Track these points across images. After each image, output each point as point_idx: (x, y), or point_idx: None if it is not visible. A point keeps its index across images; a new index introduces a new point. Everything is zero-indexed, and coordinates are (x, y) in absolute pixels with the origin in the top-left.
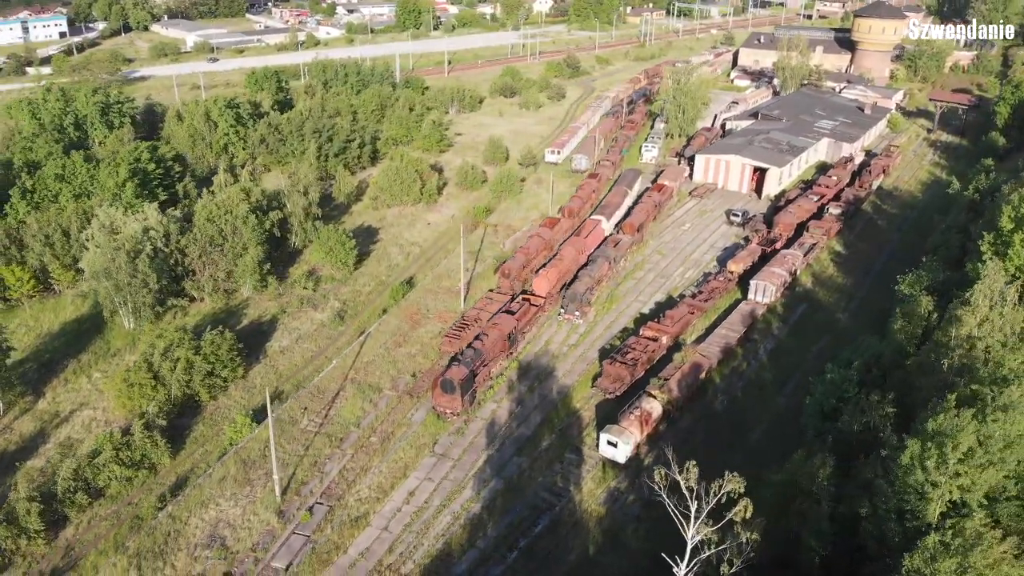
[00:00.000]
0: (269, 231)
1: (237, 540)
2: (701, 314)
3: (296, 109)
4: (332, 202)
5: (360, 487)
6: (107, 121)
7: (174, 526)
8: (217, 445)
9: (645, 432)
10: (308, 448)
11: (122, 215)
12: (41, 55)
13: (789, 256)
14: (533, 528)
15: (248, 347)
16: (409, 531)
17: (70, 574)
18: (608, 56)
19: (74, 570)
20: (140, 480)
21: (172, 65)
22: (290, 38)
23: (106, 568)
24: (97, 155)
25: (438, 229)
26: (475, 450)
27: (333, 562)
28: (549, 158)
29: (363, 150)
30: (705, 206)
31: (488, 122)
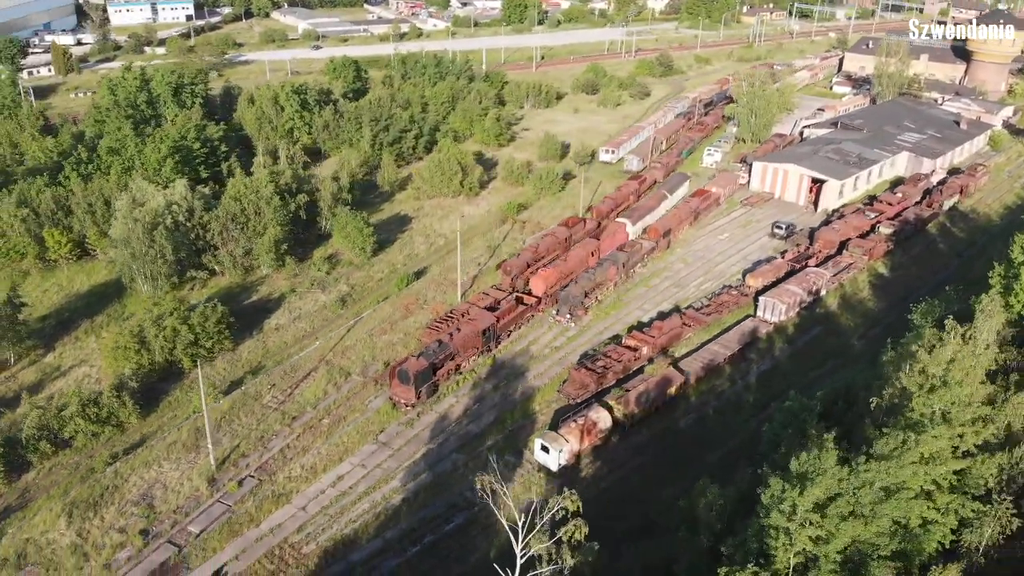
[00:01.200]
0: (294, 213)
1: (165, 501)
2: (701, 327)
3: (365, 98)
4: (377, 190)
5: (295, 466)
6: (179, 101)
7: (115, 481)
8: (186, 411)
9: (587, 442)
10: (260, 423)
11: (153, 189)
12: (161, 36)
13: (813, 275)
14: (444, 526)
15: (247, 322)
16: (324, 513)
17: (17, 514)
18: (710, 56)
19: (22, 511)
20: (107, 436)
21: (277, 51)
22: (392, 29)
23: (43, 512)
24: (163, 132)
25: (470, 222)
26: (418, 442)
27: (242, 534)
28: (603, 157)
29: (419, 141)
30: (753, 216)
31: (560, 119)
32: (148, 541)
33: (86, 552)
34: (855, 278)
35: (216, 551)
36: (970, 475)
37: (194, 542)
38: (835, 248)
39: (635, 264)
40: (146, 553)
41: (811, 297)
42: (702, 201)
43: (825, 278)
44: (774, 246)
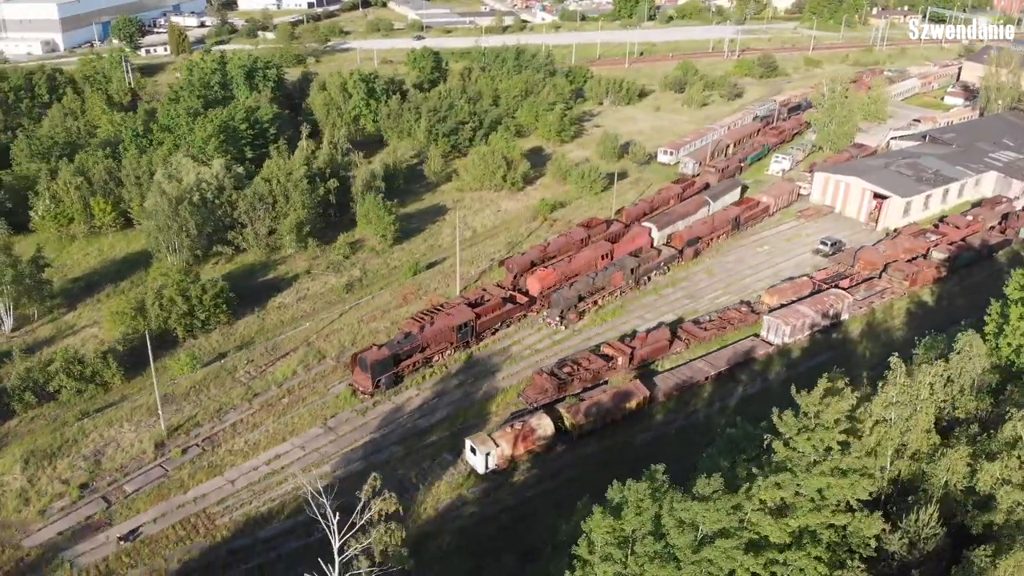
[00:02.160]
0: (323, 197)
1: (112, 459)
2: (697, 342)
3: (436, 90)
4: (423, 179)
5: (239, 441)
6: (251, 84)
7: (77, 436)
8: (166, 378)
9: (522, 448)
10: (224, 396)
11: (191, 165)
12: (277, 22)
13: (833, 296)
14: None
15: (255, 299)
16: (250, 489)
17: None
18: (823, 58)
19: None
20: (90, 393)
21: (380, 40)
22: (496, 21)
23: (6, 456)
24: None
25: (505, 217)
26: (363, 431)
27: (168, 498)
28: (661, 158)
29: (476, 133)
30: (804, 230)
31: (638, 116)
32: (84, 494)
33: (28, 497)
34: (890, 305)
35: (139, 512)
36: (852, 533)
37: (123, 500)
38: (877, 270)
39: (649, 271)
40: (79, 505)
41: (827, 321)
42: (746, 210)
43: (847, 301)
44: (815, 263)
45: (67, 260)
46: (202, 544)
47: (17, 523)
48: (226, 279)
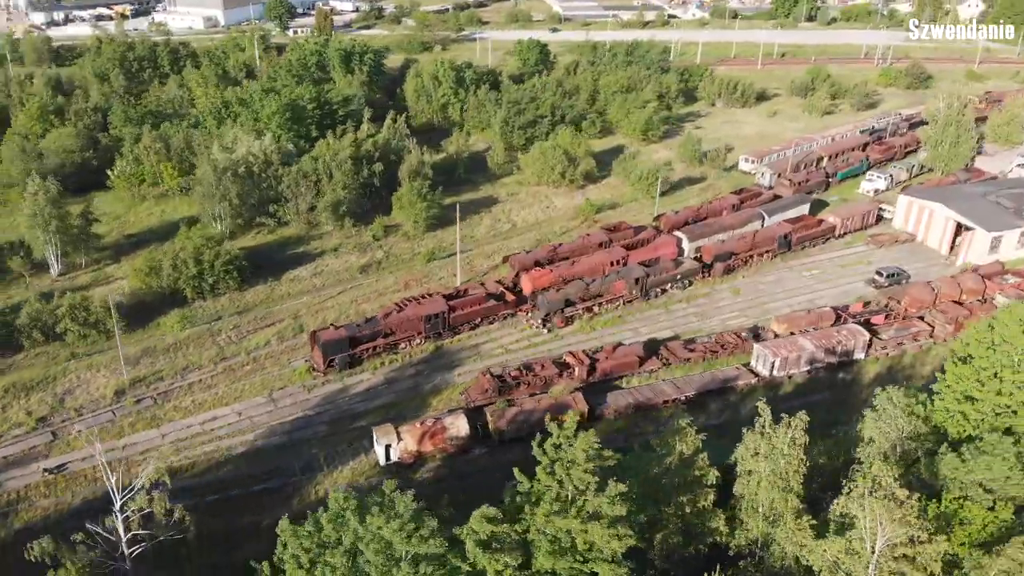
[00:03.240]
0: (367, 179)
1: (75, 399)
2: (679, 363)
3: (529, 82)
4: (487, 171)
5: (188, 399)
6: (348, 67)
7: (57, 375)
8: (158, 332)
9: (430, 445)
10: (196, 356)
11: (247, 138)
12: (425, 9)
13: (845, 333)
14: (254, 485)
15: (276, 269)
16: (174, 445)
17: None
18: (991, 72)
19: None
20: (93, 338)
21: (516, 31)
22: (637, 16)
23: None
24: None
25: (552, 214)
26: (301, 406)
27: (104, 441)
28: (742, 166)
29: (555, 127)
30: (871, 257)
31: (748, 120)
32: (39, 427)
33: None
34: (927, 350)
35: (74, 449)
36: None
37: (67, 437)
38: (926, 310)
39: (662, 283)
40: (30, 436)
41: (833, 358)
42: (801, 229)
43: (861, 339)
44: (864, 294)
45: (131, 217)
46: (103, 492)
47: None
48: (261, 249)
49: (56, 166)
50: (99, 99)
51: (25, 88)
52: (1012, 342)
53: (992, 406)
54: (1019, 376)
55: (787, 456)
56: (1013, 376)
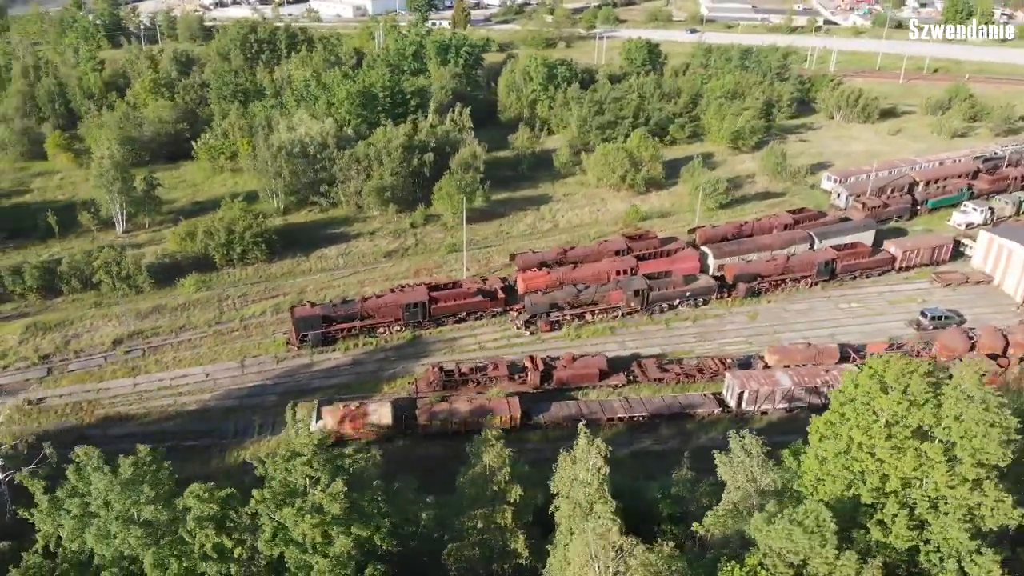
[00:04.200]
0: (416, 168)
1: (78, 343)
2: (648, 382)
3: (626, 82)
4: (551, 169)
5: (171, 355)
6: (445, 59)
7: (78, 319)
8: (178, 293)
9: (350, 428)
10: (195, 317)
11: (311, 120)
12: (566, 7)
13: (832, 373)
14: (186, 441)
15: (310, 246)
16: (141, 395)
17: (32, 318)
18: None
19: (31, 315)
20: (122, 291)
21: (653, 30)
22: (785, 21)
23: (19, 322)
24: (416, 84)
25: (601, 217)
26: (263, 376)
27: (84, 383)
28: (825, 184)
29: (635, 131)
30: (927, 295)
31: (862, 136)
32: (39, 363)
33: (5, 353)
34: None
35: (58, 386)
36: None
37: (57, 375)
38: (956, 358)
39: (668, 298)
40: (30, 369)
41: (817, 398)
42: (850, 257)
43: None
44: (902, 335)
45: (205, 187)
46: (69, 423)
47: None
48: (307, 226)
49: (152, 135)
50: (210, 76)
51: (156, 62)
52: (869, 402)
53: (841, 469)
54: (870, 440)
55: (587, 484)
56: (862, 438)
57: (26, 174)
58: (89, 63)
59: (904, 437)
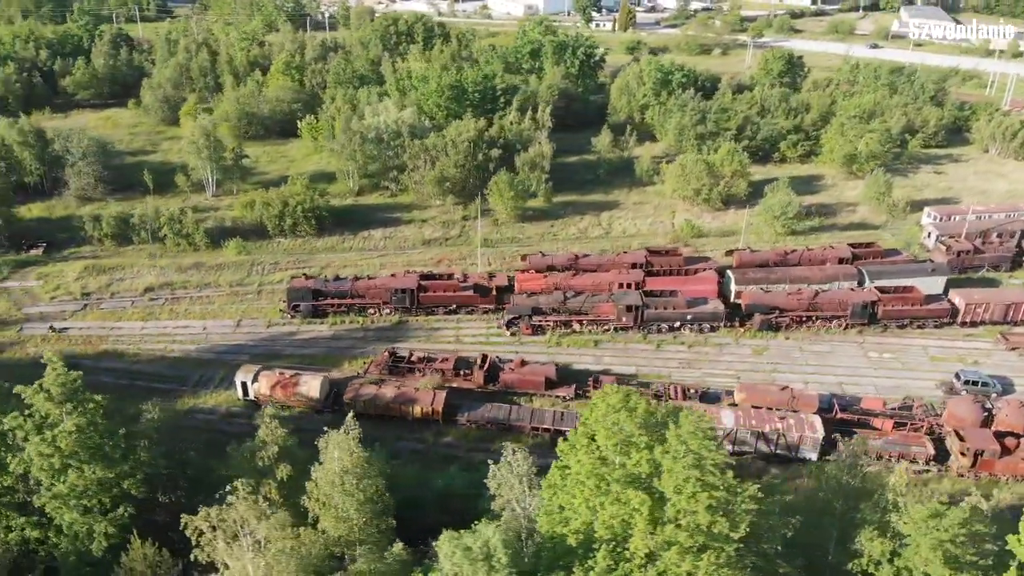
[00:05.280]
0: (480, 163)
1: (118, 286)
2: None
3: (745, 95)
4: (632, 176)
5: (185, 307)
6: (562, 59)
7: (128, 266)
8: (220, 253)
9: (281, 394)
10: (221, 276)
11: (395, 108)
12: (743, 13)
13: (792, 420)
14: (153, 382)
15: (359, 225)
16: (140, 336)
17: (93, 260)
18: None
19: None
20: (182, 247)
21: (829, 43)
22: (982, 43)
23: (81, 263)
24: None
25: (660, 229)
26: (247, 337)
27: (104, 320)
28: (924, 220)
29: (740, 143)
30: (988, 357)
31: (1012, 175)
32: (79, 299)
33: (57, 286)
34: (923, 481)
35: (83, 320)
36: None
37: (88, 311)
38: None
39: (667, 319)
40: (69, 303)
41: (767, 446)
42: (897, 302)
43: (812, 435)
44: (927, 397)
45: (300, 163)
46: (72, 351)
47: (37, 297)
48: (371, 207)
49: (269, 112)
50: (336, 62)
51: (303, 46)
52: (599, 441)
53: (557, 519)
54: (585, 489)
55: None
56: (578, 471)
57: (159, 137)
58: (244, 42)
59: (615, 480)
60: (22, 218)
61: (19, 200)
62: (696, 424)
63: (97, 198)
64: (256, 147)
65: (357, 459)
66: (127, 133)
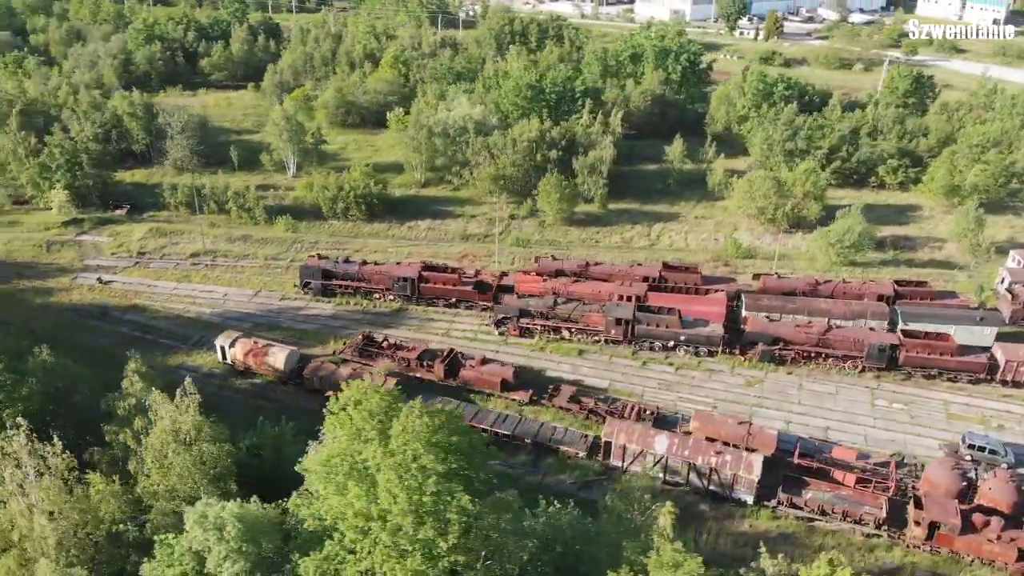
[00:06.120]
0: (539, 163)
1: (169, 249)
2: (550, 405)
3: (855, 116)
4: (704, 188)
5: (217, 274)
6: (664, 64)
7: (187, 232)
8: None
9: (252, 361)
10: (261, 249)
11: (468, 104)
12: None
13: (730, 457)
14: (160, 338)
15: (409, 214)
16: (168, 296)
17: (159, 224)
18: None
19: (169, 223)
20: (243, 220)
21: (987, 63)
22: None
23: (149, 226)
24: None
25: (711, 246)
26: (258, 307)
27: (145, 278)
28: (1009, 264)
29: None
30: (1020, 424)
31: None
32: (134, 256)
33: (120, 244)
34: (870, 546)
35: (128, 276)
36: None
37: (136, 268)
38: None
39: (660, 336)
40: (124, 259)
41: (699, 479)
42: (922, 348)
43: (747, 476)
44: (925, 457)
45: (384, 152)
46: (109, 302)
47: (101, 251)
48: (430, 199)
49: (367, 102)
50: (439, 59)
51: (421, 42)
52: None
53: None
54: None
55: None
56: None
57: (267, 119)
58: (366, 35)
59: (343, 472)
60: (121, 181)
61: (126, 166)
62: (424, 424)
63: (191, 169)
64: (350, 135)
65: (193, 421)
66: (240, 114)
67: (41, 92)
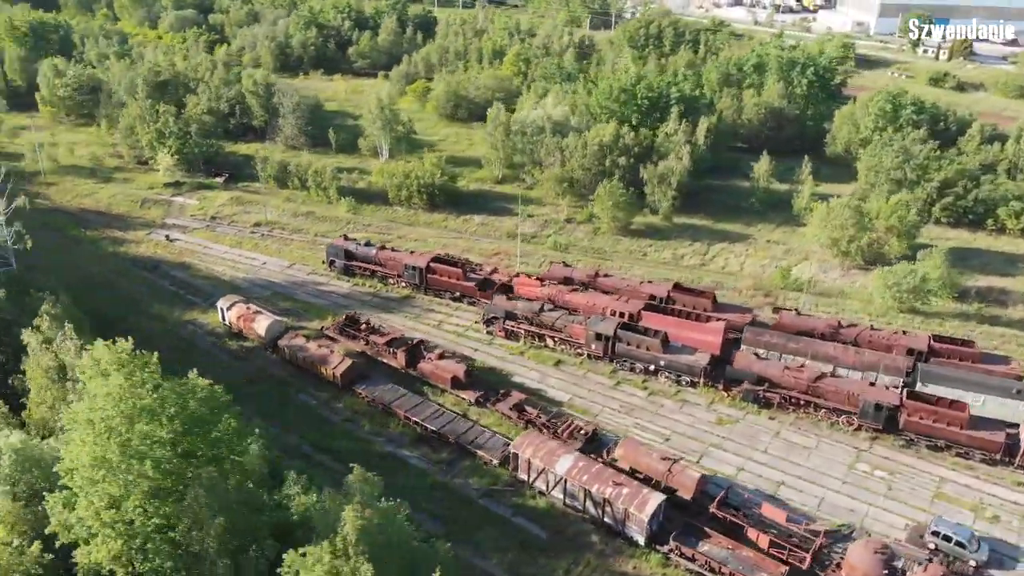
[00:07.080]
0: (607, 167)
1: (239, 218)
2: (493, 409)
3: (993, 148)
4: (788, 212)
5: (266, 244)
6: (788, 77)
7: (265, 203)
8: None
9: (244, 325)
10: (315, 226)
11: (551, 105)
12: None
13: (622, 490)
14: (187, 295)
15: (470, 208)
16: (216, 258)
17: (240, 194)
18: None
19: (260, 195)
20: (321, 198)
21: None
22: None
23: (224, 199)
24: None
25: (764, 272)
26: (285, 277)
27: (205, 240)
28: None
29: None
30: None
31: None
32: (207, 220)
33: (184, 208)
34: None
35: (194, 237)
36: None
37: (204, 230)
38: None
39: (636, 357)
40: (199, 221)
41: (594, 508)
42: (927, 414)
43: (640, 516)
44: (886, 536)
45: (478, 146)
46: (164, 257)
47: (183, 212)
48: (501, 194)
49: (477, 96)
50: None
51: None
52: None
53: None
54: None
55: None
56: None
57: None
58: (503, 32)
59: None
60: (234, 152)
61: (246, 139)
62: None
63: (298, 147)
64: (453, 128)
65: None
66: (363, 99)
67: (185, 68)
